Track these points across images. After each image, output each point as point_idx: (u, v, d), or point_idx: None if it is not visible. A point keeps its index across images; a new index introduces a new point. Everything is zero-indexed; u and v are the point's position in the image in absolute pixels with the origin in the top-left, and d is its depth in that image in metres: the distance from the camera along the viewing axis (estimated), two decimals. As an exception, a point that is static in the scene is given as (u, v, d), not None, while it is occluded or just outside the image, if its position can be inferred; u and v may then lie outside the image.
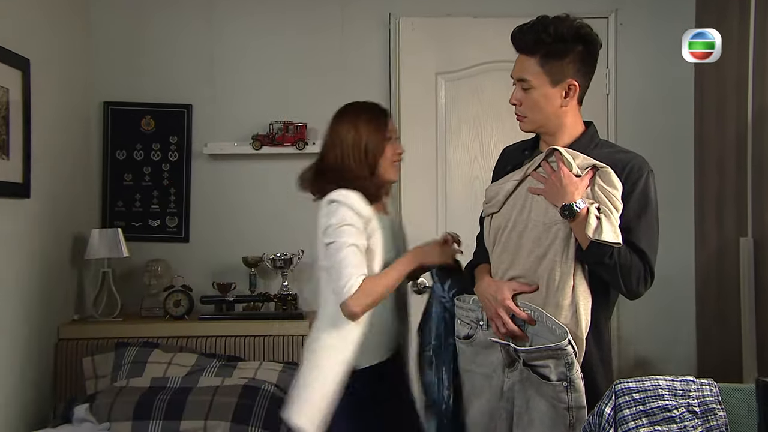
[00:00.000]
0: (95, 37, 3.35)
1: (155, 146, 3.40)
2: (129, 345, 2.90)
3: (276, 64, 3.42)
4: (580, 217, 1.66)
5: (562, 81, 1.76)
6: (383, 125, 2.09)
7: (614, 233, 1.64)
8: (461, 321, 1.89)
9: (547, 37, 1.72)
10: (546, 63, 1.74)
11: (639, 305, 3.21)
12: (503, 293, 1.74)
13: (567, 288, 1.69)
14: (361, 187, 1.99)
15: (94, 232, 3.08)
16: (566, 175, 1.71)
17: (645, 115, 3.42)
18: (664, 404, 1.35)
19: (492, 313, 1.77)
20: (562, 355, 1.64)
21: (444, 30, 3.35)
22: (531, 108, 1.78)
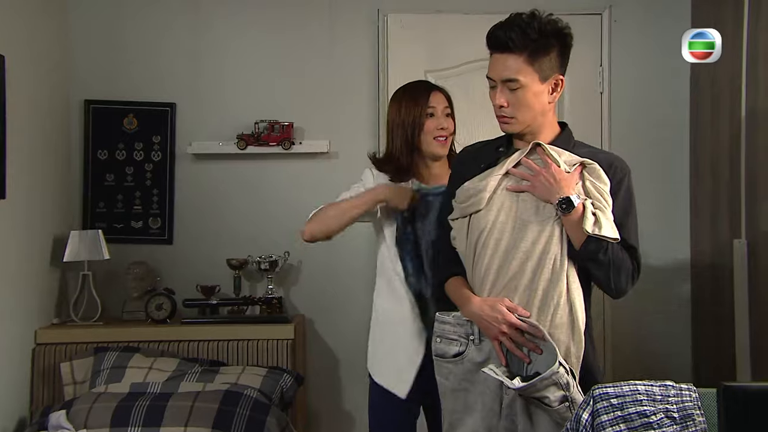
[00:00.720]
0: (75, 32, 3.34)
1: (138, 146, 3.40)
2: (109, 350, 2.89)
3: (262, 61, 3.41)
4: (576, 213, 1.67)
5: (550, 77, 1.77)
6: (423, 100, 2.19)
7: (612, 228, 1.66)
8: (445, 339, 1.83)
9: (533, 33, 1.73)
10: (535, 60, 1.75)
11: (634, 306, 3.34)
12: (501, 311, 1.71)
13: (562, 286, 1.69)
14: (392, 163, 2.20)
15: (74, 234, 3.07)
16: (557, 170, 1.72)
17: (640, 115, 3.42)
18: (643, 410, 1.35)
19: (495, 333, 1.73)
20: (557, 379, 1.64)
21: (433, 27, 3.35)
22: (520, 108, 1.77)
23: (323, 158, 3.40)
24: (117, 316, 3.23)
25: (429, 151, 2.19)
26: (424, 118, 2.17)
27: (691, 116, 3.38)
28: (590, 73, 3.39)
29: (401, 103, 2.21)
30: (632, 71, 3.40)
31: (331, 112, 3.41)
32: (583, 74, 3.37)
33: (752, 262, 2.64)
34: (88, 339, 2.97)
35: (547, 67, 1.76)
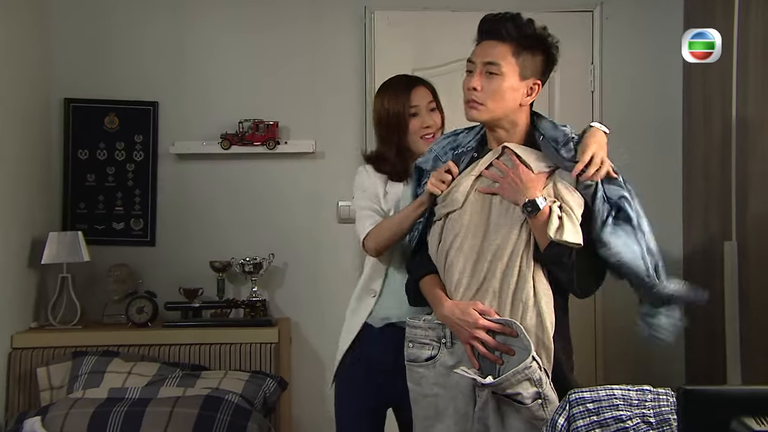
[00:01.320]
0: (55, 28, 3.32)
1: (119, 145, 3.38)
2: (87, 354, 2.88)
3: (246, 60, 3.41)
4: (542, 215, 1.70)
5: (528, 77, 1.81)
6: (405, 99, 2.14)
7: (575, 233, 1.68)
8: (417, 343, 1.85)
9: (528, 30, 1.79)
10: (520, 54, 1.79)
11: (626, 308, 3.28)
12: (472, 315, 1.74)
13: (529, 288, 1.73)
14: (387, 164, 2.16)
15: (52, 236, 3.06)
16: (524, 171, 1.75)
17: (632, 114, 3.42)
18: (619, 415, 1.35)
19: (466, 337, 1.76)
20: (529, 374, 1.65)
21: (421, 25, 3.35)
22: (493, 95, 1.79)
23: (309, 158, 3.40)
24: (97, 320, 3.22)
25: (418, 151, 2.12)
26: (407, 119, 2.13)
27: (684, 115, 3.38)
28: (581, 72, 3.39)
29: (383, 102, 2.18)
30: (624, 70, 3.40)
31: (317, 111, 3.41)
32: (574, 73, 3.37)
33: (742, 264, 2.65)
34: (66, 343, 2.96)
35: (530, 66, 1.80)
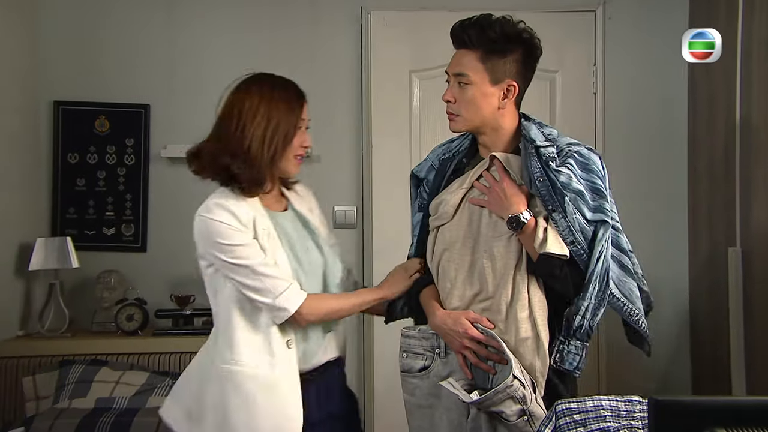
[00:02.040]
0: (43, 30, 3.33)
1: (110, 149, 3.39)
2: (75, 363, 2.86)
3: (240, 61, 3.26)
4: (528, 229, 1.71)
5: (501, 80, 1.79)
6: (298, 109, 1.89)
7: (560, 245, 1.68)
8: (411, 353, 1.86)
9: (492, 33, 1.76)
10: (488, 59, 1.78)
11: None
12: (463, 324, 1.75)
13: (523, 300, 1.72)
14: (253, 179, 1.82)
15: (40, 241, 3.05)
16: (509, 185, 1.75)
17: (635, 116, 3.42)
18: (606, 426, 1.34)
19: (458, 347, 1.77)
20: (512, 393, 1.65)
21: (418, 25, 3.34)
22: (466, 106, 1.79)
23: (305, 162, 3.29)
24: (86, 328, 3.21)
25: (285, 170, 1.90)
26: (296, 131, 1.88)
27: (689, 118, 3.37)
28: (583, 73, 3.39)
29: (272, 104, 1.85)
30: (627, 70, 3.39)
31: (312, 114, 3.26)
32: (576, 74, 3.38)
33: (747, 271, 2.63)
34: (54, 352, 2.95)
35: (500, 70, 1.78)
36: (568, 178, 1.71)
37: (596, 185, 1.75)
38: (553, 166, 1.71)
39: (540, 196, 1.72)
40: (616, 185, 3.27)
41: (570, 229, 1.70)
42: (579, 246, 1.70)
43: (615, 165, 3.35)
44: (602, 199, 1.75)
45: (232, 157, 1.82)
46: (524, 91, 1.85)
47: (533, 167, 1.73)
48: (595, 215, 1.72)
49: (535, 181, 1.72)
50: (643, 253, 3.30)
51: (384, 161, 3.31)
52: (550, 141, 1.78)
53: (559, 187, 1.70)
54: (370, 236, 3.36)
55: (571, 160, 1.74)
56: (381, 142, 3.36)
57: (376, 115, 3.36)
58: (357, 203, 3.42)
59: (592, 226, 1.71)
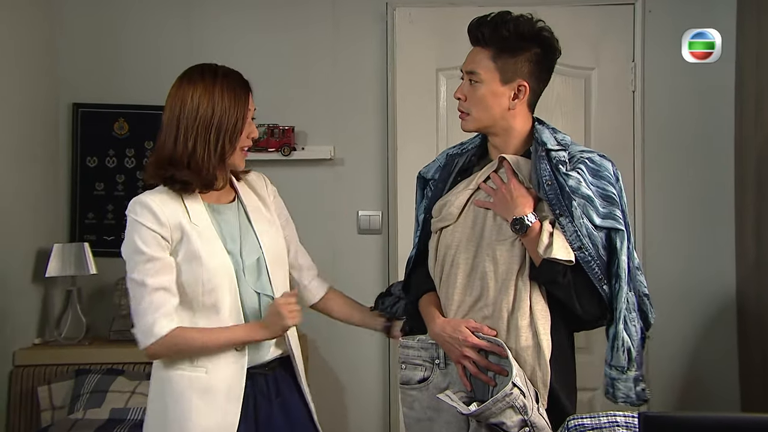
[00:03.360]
0: (62, 31, 3.38)
1: (129, 152, 3.43)
2: (90, 372, 2.91)
3: (260, 61, 3.39)
4: (532, 233, 1.71)
5: (512, 80, 1.80)
6: (245, 99, 1.83)
7: (566, 250, 1.68)
8: (410, 365, 1.86)
9: (505, 32, 1.78)
10: (499, 58, 1.79)
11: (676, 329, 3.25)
12: (463, 332, 1.75)
13: (525, 307, 1.72)
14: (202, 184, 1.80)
15: (57, 247, 3.10)
16: (516, 186, 1.75)
17: (677, 116, 3.34)
18: (621, 442, 1.30)
19: (457, 356, 1.77)
20: (511, 402, 1.64)
21: (445, 21, 3.31)
22: (476, 104, 1.81)
23: (327, 165, 3.39)
24: (104, 336, 3.25)
25: (233, 164, 1.86)
26: (244, 124, 1.82)
27: (736, 116, 3.27)
28: (621, 70, 3.32)
29: (216, 98, 1.78)
30: (668, 67, 3.31)
31: (335, 115, 3.40)
32: (612, 70, 3.32)
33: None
34: (70, 360, 3.00)
35: (511, 69, 1.79)
36: (577, 183, 1.72)
37: (607, 192, 1.75)
38: (562, 170, 1.72)
39: (547, 199, 1.73)
40: (656, 187, 3.33)
41: (577, 234, 1.70)
42: (586, 252, 1.70)
43: (655, 166, 3.34)
44: (613, 206, 1.74)
45: (176, 167, 1.79)
46: (539, 92, 1.85)
47: (542, 170, 1.74)
48: (605, 222, 1.72)
49: (544, 184, 1.73)
50: (687, 259, 3.33)
51: (410, 164, 3.27)
52: (562, 146, 1.78)
53: (568, 191, 1.71)
54: (396, 242, 3.34)
55: (582, 165, 1.75)
56: (406, 145, 3.34)
57: (401, 117, 3.34)
58: (382, 208, 3.41)
59: (603, 233, 1.72)
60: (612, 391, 1.75)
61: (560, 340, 1.76)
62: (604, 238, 1.72)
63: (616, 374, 1.73)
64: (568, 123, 3.31)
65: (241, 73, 1.88)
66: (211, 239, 1.81)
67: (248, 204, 1.93)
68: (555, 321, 1.74)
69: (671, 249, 3.32)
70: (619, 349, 1.72)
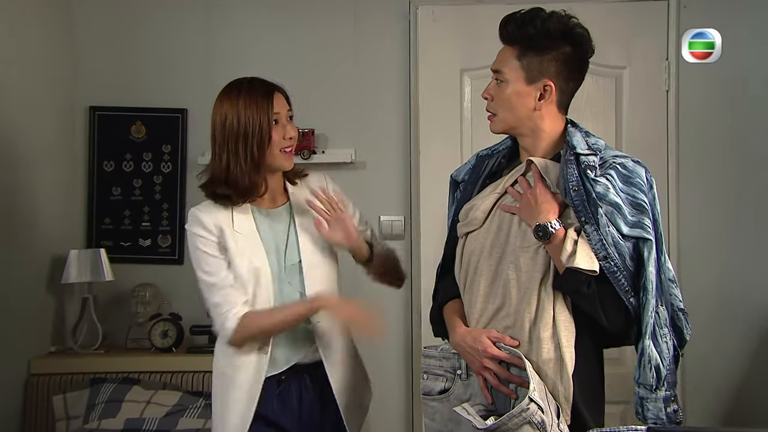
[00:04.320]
0: (79, 34, 3.40)
1: (146, 156, 3.44)
2: (106, 381, 2.92)
3: (279, 62, 3.39)
4: (556, 240, 1.69)
5: (538, 80, 1.77)
6: (266, 104, 1.99)
7: (590, 259, 1.65)
8: (431, 375, 1.86)
9: (531, 29, 1.76)
10: (524, 56, 1.77)
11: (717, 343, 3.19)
12: (483, 342, 1.74)
13: (547, 318, 1.70)
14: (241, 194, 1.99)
15: (73, 253, 3.11)
16: (542, 191, 1.73)
17: (714, 117, 3.29)
18: (643, 457, 1.26)
19: (477, 367, 1.76)
20: (528, 417, 1.61)
21: (470, 19, 3.28)
22: (502, 104, 1.80)
23: (348, 168, 3.37)
24: (120, 344, 3.27)
25: (275, 166, 2.02)
26: (270, 130, 1.98)
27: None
28: (654, 69, 3.27)
29: (239, 108, 1.97)
30: (705, 65, 3.24)
31: (356, 117, 3.39)
32: (645, 69, 3.27)
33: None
34: (86, 369, 3.01)
35: (536, 68, 1.76)
36: (605, 189, 1.68)
37: (637, 200, 1.71)
38: (591, 176, 1.69)
39: (573, 206, 1.70)
40: (691, 192, 3.27)
41: (603, 243, 1.66)
42: (612, 262, 1.66)
43: (689, 170, 3.28)
44: (643, 215, 1.70)
45: (216, 183, 2.00)
46: (568, 93, 1.82)
47: (570, 175, 1.71)
48: (633, 231, 1.68)
49: (570, 189, 1.70)
50: (725, 267, 3.26)
51: (433, 167, 3.25)
52: (593, 150, 1.75)
53: (594, 197, 1.68)
54: (419, 248, 3.31)
55: (613, 171, 1.72)
56: (430, 147, 3.32)
57: (424, 119, 3.32)
58: (405, 213, 3.39)
59: (630, 242, 1.68)
60: (641, 411, 1.71)
61: (586, 353, 1.72)
62: (632, 248, 1.68)
63: (644, 393, 1.69)
64: (598, 124, 3.26)
65: (264, 80, 2.05)
66: (250, 245, 2.00)
67: (297, 207, 2.09)
68: (581, 333, 1.71)
69: (708, 257, 3.26)
70: (646, 366, 1.67)
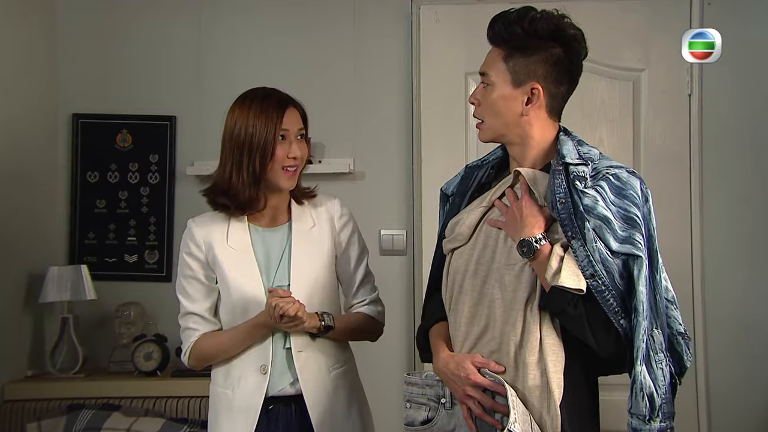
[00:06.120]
0: (62, 38, 3.38)
1: (133, 166, 3.41)
2: (84, 407, 2.87)
3: (275, 66, 3.36)
4: (541, 256, 1.65)
5: (525, 83, 1.74)
6: (276, 119, 1.98)
7: (576, 277, 1.60)
8: (414, 403, 1.83)
9: (518, 29, 1.73)
10: (510, 58, 1.74)
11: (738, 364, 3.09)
12: (466, 369, 1.70)
13: (533, 342, 1.66)
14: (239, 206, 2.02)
15: (52, 270, 3.08)
16: (527, 204, 1.69)
17: (741, 122, 3.22)
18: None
19: (461, 395, 1.73)
20: None
21: (475, 20, 3.11)
22: (488, 110, 1.77)
23: (346, 179, 3.32)
24: (102, 367, 3.22)
25: (273, 183, 2.02)
26: (275, 145, 1.98)
27: (808, 123, 3.11)
28: (675, 70, 3.21)
29: (248, 118, 1.98)
30: (731, 67, 3.17)
31: (355, 125, 3.35)
32: (666, 72, 3.21)
33: None
34: (64, 394, 2.96)
35: (523, 70, 1.73)
36: (593, 202, 1.63)
37: (629, 213, 1.65)
38: (579, 187, 1.64)
39: (560, 219, 1.65)
40: (715, 203, 3.17)
41: (590, 260, 1.60)
42: (600, 280, 1.60)
43: (714, 181, 3.21)
44: (634, 230, 1.63)
45: (216, 192, 2.04)
46: (559, 97, 1.77)
47: (557, 186, 1.66)
48: (622, 247, 1.61)
49: (557, 202, 1.65)
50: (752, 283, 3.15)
51: (436, 178, 3.10)
52: (584, 160, 1.70)
53: (581, 210, 1.62)
54: (421, 264, 3.25)
55: (604, 182, 1.66)
56: (433, 157, 3.26)
57: (426, 126, 3.27)
58: (406, 227, 3.35)
59: (620, 259, 1.61)
60: None
61: (576, 380, 1.67)
62: (621, 265, 1.62)
63: (637, 423, 1.62)
64: (614, 132, 3.21)
65: (282, 93, 2.06)
66: (243, 263, 2.03)
67: (297, 229, 2.09)
68: (571, 359, 1.66)
69: (735, 275, 3.19)
70: (638, 394, 1.60)
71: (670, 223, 3.13)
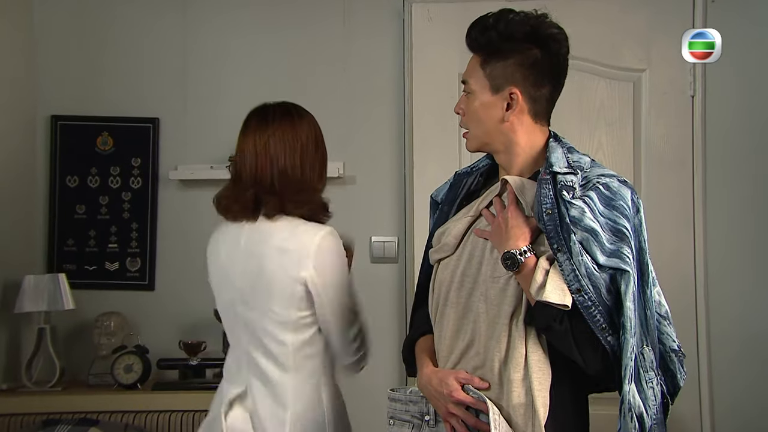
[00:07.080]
0: (40, 37, 3.35)
1: (114, 170, 3.38)
2: (61, 422, 2.80)
3: (262, 67, 3.35)
4: (526, 269, 1.62)
5: (503, 88, 1.73)
6: None
7: (562, 292, 1.57)
8: (397, 420, 1.83)
9: (494, 33, 1.72)
10: (487, 64, 1.74)
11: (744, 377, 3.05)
12: (449, 385, 1.69)
13: (519, 358, 1.63)
14: None
15: (28, 279, 3.04)
16: (513, 214, 1.67)
17: (746, 124, 3.20)
18: None
19: (443, 413, 1.72)
20: None
21: (469, 19, 3.06)
22: (471, 119, 1.77)
23: (335, 184, 3.27)
24: (81, 380, 3.18)
25: None
26: None
27: (815, 125, 3.08)
28: (678, 71, 3.18)
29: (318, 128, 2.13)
30: (736, 67, 3.16)
31: (344, 128, 3.31)
32: (668, 72, 3.19)
33: None
34: (40, 409, 2.91)
35: (500, 75, 1.72)
36: (580, 213, 1.59)
37: (618, 225, 1.61)
38: (566, 198, 1.60)
39: (545, 231, 1.62)
40: (719, 208, 3.14)
41: (575, 274, 1.57)
42: (586, 295, 1.56)
43: (718, 185, 3.19)
44: (622, 243, 1.60)
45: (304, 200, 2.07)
46: (542, 100, 1.74)
47: (544, 196, 1.63)
48: (610, 260, 1.58)
49: (543, 213, 1.61)
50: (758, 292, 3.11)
51: (429, 183, 3.06)
52: (572, 169, 1.66)
53: (567, 222, 1.59)
54: (413, 272, 3.19)
55: (594, 192, 1.63)
56: (425, 161, 3.23)
57: (419, 129, 3.24)
58: (398, 233, 3.32)
59: (607, 274, 1.58)
60: None
61: (563, 398, 1.64)
62: (609, 279, 1.58)
63: None
64: (613, 134, 3.18)
65: None
66: None
67: None
68: (559, 377, 1.63)
69: (738, 284, 3.15)
70: (627, 414, 1.56)
71: (671, 229, 3.11)
